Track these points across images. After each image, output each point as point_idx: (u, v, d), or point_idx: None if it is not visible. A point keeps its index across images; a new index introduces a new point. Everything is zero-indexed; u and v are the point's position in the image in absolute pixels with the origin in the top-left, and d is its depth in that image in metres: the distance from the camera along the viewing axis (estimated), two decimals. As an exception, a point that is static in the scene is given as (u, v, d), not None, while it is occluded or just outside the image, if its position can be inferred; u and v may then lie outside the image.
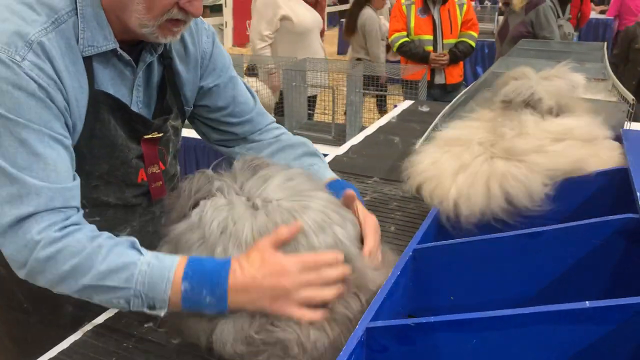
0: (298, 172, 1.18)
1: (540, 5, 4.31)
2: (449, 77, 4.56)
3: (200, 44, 1.37)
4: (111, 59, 1.19)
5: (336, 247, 1.05)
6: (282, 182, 1.12)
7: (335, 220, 1.08)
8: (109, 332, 1.23)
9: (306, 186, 1.14)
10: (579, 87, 1.69)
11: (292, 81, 3.75)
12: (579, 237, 1.06)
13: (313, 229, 1.04)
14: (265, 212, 1.06)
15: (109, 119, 1.21)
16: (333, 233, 1.06)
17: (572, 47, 3.40)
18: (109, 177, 1.28)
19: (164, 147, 1.39)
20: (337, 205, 1.15)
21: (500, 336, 0.85)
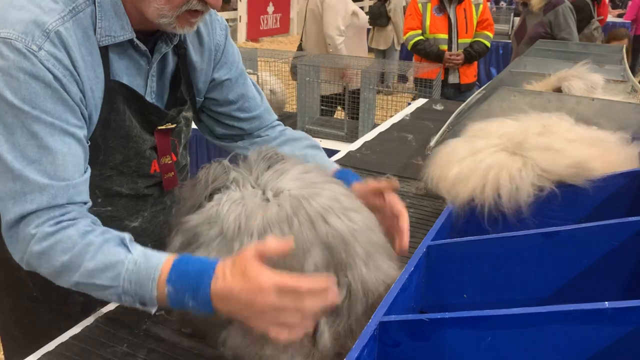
0: (313, 166, 1.18)
1: (559, 6, 4.27)
2: (463, 77, 4.53)
3: (215, 35, 1.37)
4: (127, 49, 1.19)
5: (350, 232, 1.04)
6: (296, 175, 1.12)
7: (348, 206, 1.07)
8: (121, 318, 1.23)
9: (320, 178, 1.13)
10: (598, 87, 1.67)
11: (305, 76, 3.74)
12: (597, 238, 1.04)
13: (322, 214, 1.03)
14: (277, 202, 1.06)
15: (124, 109, 1.21)
16: (348, 218, 1.05)
17: (590, 48, 3.36)
18: (123, 167, 1.28)
19: (177, 138, 1.39)
20: (350, 195, 1.14)
21: (515, 335, 0.84)
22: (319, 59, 4.03)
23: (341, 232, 1.04)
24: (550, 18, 4.27)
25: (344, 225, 1.05)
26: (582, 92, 1.54)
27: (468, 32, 4.42)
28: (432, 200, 1.85)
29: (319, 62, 3.94)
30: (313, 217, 1.03)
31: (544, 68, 2.20)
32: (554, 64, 2.31)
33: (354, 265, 1.03)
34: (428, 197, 1.88)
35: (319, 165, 1.21)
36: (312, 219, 1.03)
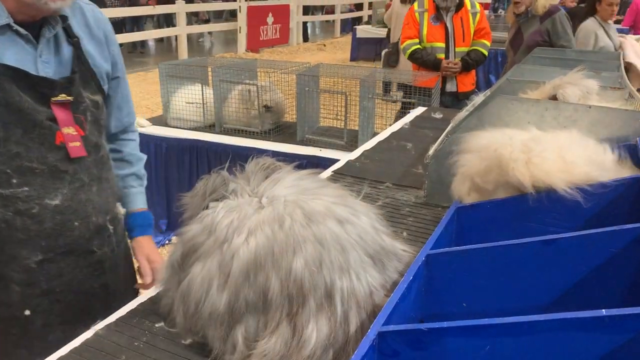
0: (306, 173, 1.21)
1: (555, 14, 4.28)
2: (461, 85, 4.54)
3: (101, 24, 1.56)
4: (8, 33, 1.32)
5: (346, 238, 1.07)
6: (291, 182, 1.14)
7: (343, 215, 1.10)
8: (120, 330, 1.23)
9: (314, 184, 1.15)
10: (593, 93, 1.67)
11: (305, 86, 3.76)
12: (596, 245, 1.04)
13: (317, 214, 1.07)
14: (271, 207, 1.08)
15: (11, 87, 1.31)
16: (342, 226, 1.08)
17: (588, 55, 3.38)
18: (27, 140, 1.36)
19: (82, 115, 1.47)
20: (346, 199, 1.16)
21: (514, 343, 0.84)
22: (318, 69, 4.05)
23: (339, 237, 1.06)
24: (548, 26, 4.28)
25: (340, 231, 1.07)
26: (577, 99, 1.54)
27: (465, 41, 4.44)
28: (432, 209, 1.86)
29: (318, 72, 3.95)
30: (309, 216, 1.06)
31: (542, 76, 2.21)
32: (551, 72, 2.32)
33: (347, 274, 1.05)
34: (427, 206, 1.89)
35: (312, 172, 1.24)
36: (308, 216, 1.06)
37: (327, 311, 1.03)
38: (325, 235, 1.06)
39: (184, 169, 3.97)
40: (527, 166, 1.27)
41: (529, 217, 1.31)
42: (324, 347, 1.01)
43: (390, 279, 1.13)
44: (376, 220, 1.18)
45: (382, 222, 1.20)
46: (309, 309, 1.03)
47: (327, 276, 1.03)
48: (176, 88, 4.13)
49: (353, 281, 1.05)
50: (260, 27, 14.08)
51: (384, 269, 1.13)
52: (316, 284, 1.03)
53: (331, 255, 1.05)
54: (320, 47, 15.71)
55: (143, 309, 1.31)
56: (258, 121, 3.93)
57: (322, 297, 1.03)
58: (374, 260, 1.11)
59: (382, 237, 1.16)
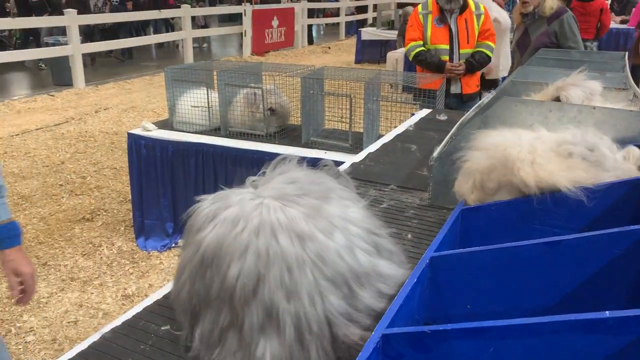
0: (302, 175, 1.14)
1: (563, 15, 4.27)
2: (465, 87, 4.53)
3: None
4: None
5: (297, 257, 0.99)
6: (279, 183, 1.11)
7: (306, 231, 1.01)
8: (126, 333, 1.24)
9: (300, 190, 1.09)
10: (596, 94, 1.67)
11: (309, 89, 3.77)
12: (599, 246, 1.04)
13: (273, 228, 1.00)
14: (242, 205, 1.05)
15: None
16: (300, 243, 0.99)
17: (592, 56, 3.37)
18: None
19: None
20: (325, 211, 1.06)
21: (517, 345, 0.84)
22: (322, 71, 4.06)
23: (286, 254, 0.97)
24: (555, 27, 4.27)
25: (292, 248, 0.98)
26: (580, 100, 1.54)
27: (469, 43, 4.44)
28: (436, 211, 1.86)
29: (322, 75, 3.96)
30: (260, 225, 0.99)
31: (546, 77, 2.21)
32: (556, 73, 2.32)
33: (295, 297, 0.97)
34: (432, 208, 1.89)
35: (310, 173, 1.16)
36: (260, 226, 0.99)
37: (275, 332, 0.96)
38: (267, 250, 0.97)
39: (190, 172, 3.98)
40: (532, 166, 1.27)
41: (533, 219, 1.31)
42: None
43: (366, 306, 1.02)
44: (362, 238, 1.07)
45: (372, 239, 1.09)
46: (252, 324, 0.97)
47: (265, 294, 0.96)
48: (182, 92, 4.15)
49: (305, 306, 0.96)
50: (265, 30, 14.11)
51: (353, 295, 1.01)
52: (248, 299, 0.97)
53: (271, 273, 0.96)
54: (325, 50, 15.73)
55: (149, 312, 1.32)
56: (263, 124, 3.94)
57: (263, 316, 0.96)
58: (335, 284, 0.99)
59: (358, 258, 1.03)
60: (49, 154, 6.24)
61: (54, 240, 4.24)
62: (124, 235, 4.34)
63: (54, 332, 3.13)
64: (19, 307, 3.33)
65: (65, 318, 3.27)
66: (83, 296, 3.50)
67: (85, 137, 6.88)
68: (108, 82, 10.30)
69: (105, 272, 3.81)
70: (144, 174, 4.11)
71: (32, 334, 3.12)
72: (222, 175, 3.84)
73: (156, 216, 4.15)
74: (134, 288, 3.60)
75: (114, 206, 4.89)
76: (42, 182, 5.42)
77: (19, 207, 4.84)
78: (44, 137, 6.84)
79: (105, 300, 3.46)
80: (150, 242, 4.16)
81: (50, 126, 7.34)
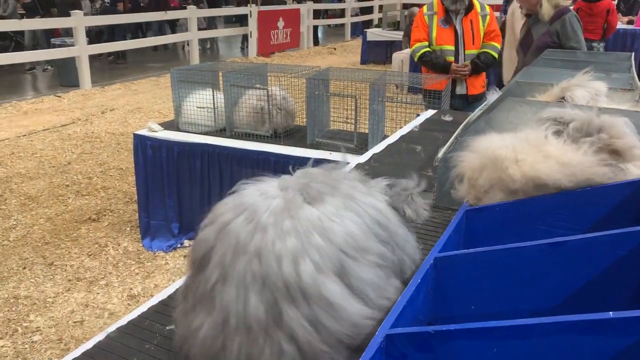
0: (315, 191, 1.08)
1: (565, 15, 4.25)
2: (471, 88, 4.53)
3: None
4: None
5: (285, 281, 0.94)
6: (290, 195, 1.06)
7: (297, 250, 0.96)
8: (131, 333, 1.25)
9: (295, 204, 1.04)
10: (601, 95, 1.67)
11: (315, 90, 3.77)
12: (603, 247, 1.04)
13: (262, 246, 0.96)
14: (266, 203, 1.04)
15: None
16: (293, 266, 0.95)
17: (598, 57, 3.36)
18: None
19: None
20: (320, 233, 1.00)
21: (521, 345, 0.84)
22: (328, 72, 4.07)
23: (237, 235, 0.97)
24: (557, 27, 4.25)
25: (242, 231, 0.97)
26: (585, 101, 1.53)
27: (475, 44, 4.44)
28: (441, 212, 1.86)
29: (328, 76, 3.97)
30: (239, 207, 1.02)
31: (551, 78, 2.20)
32: (561, 74, 2.31)
33: (227, 282, 0.95)
34: (436, 208, 1.88)
35: (323, 175, 1.14)
36: (240, 207, 1.02)
37: (209, 310, 0.98)
38: (227, 224, 0.99)
39: (195, 172, 4.00)
40: (517, 164, 1.31)
41: (537, 220, 1.31)
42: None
43: (289, 326, 0.93)
44: (323, 254, 0.97)
45: (340, 260, 0.98)
46: (200, 295, 1.00)
47: (210, 267, 0.99)
48: (188, 93, 4.16)
49: (230, 294, 0.96)
50: (271, 31, 14.14)
51: (276, 306, 0.94)
52: (201, 266, 0.99)
53: (221, 245, 0.97)
54: (331, 51, 15.75)
55: (154, 312, 1.33)
56: (268, 125, 3.95)
57: (203, 291, 0.98)
58: (263, 286, 0.94)
59: (300, 271, 0.94)
60: (55, 154, 6.27)
61: (60, 241, 4.26)
62: (130, 236, 4.36)
63: (60, 331, 3.15)
64: (26, 307, 3.36)
65: (71, 318, 3.29)
66: (89, 296, 3.52)
67: (92, 137, 6.92)
68: (114, 83, 10.35)
69: (111, 272, 3.83)
70: (149, 174, 4.13)
71: (38, 333, 3.14)
72: (228, 176, 3.85)
73: (162, 217, 4.17)
74: (140, 288, 3.62)
75: (120, 207, 4.91)
76: (49, 182, 5.45)
77: (25, 207, 4.87)
78: (51, 138, 6.88)
79: (111, 300, 3.48)
80: (156, 242, 4.17)
81: (56, 127, 7.39)
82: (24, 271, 3.80)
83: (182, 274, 3.79)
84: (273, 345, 0.93)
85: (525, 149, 1.35)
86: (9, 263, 3.90)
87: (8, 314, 3.30)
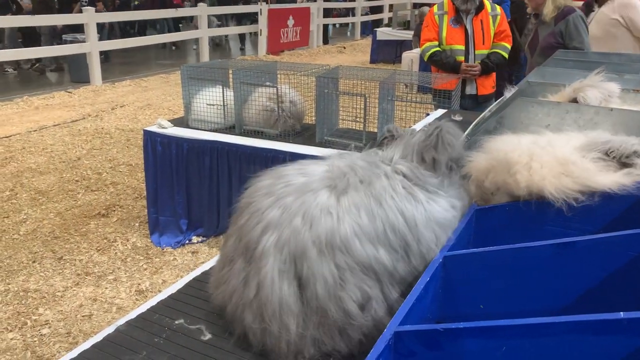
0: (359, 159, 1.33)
1: (570, 15, 4.23)
2: (481, 88, 4.51)
3: None
4: None
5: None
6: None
7: (337, 244, 1.16)
8: (140, 326, 1.26)
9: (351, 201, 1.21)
10: (614, 96, 1.65)
11: (324, 88, 3.77)
12: (613, 248, 1.04)
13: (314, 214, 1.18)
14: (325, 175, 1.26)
15: None
16: (341, 253, 1.15)
17: (611, 58, 3.33)
18: None
19: None
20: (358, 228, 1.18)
21: (530, 345, 0.84)
22: (337, 71, 4.06)
23: (323, 235, 1.14)
24: (561, 28, 4.22)
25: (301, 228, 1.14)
26: (597, 102, 1.52)
27: (485, 44, 4.41)
28: (450, 211, 1.85)
29: (337, 75, 3.96)
30: (314, 214, 1.15)
31: (563, 78, 2.19)
32: (573, 74, 2.30)
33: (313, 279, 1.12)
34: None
35: (364, 160, 1.33)
36: (313, 215, 1.14)
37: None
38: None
39: (205, 169, 4.01)
40: (529, 171, 1.28)
41: (547, 220, 1.30)
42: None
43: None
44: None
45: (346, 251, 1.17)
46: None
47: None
48: (197, 90, 4.17)
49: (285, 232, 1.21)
50: (280, 29, 14.14)
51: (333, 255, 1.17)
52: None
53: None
54: (340, 50, 15.73)
55: (163, 306, 1.34)
56: (277, 124, 3.95)
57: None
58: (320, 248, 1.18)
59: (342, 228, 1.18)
60: (65, 150, 6.31)
61: (70, 235, 4.29)
62: (139, 231, 4.38)
63: (68, 325, 3.17)
64: (35, 300, 3.39)
65: (79, 312, 3.31)
66: (97, 291, 3.54)
67: (102, 133, 6.95)
68: (124, 80, 10.40)
69: (119, 267, 3.85)
70: (159, 170, 4.15)
71: (47, 327, 3.16)
72: (237, 173, 3.86)
73: (171, 213, 4.19)
74: (148, 284, 3.63)
75: (129, 202, 4.93)
76: (59, 177, 5.49)
77: (36, 201, 4.91)
78: (61, 134, 6.92)
79: (119, 295, 3.50)
80: (165, 238, 4.19)
81: (67, 122, 7.43)
82: (33, 265, 3.83)
83: (190, 270, 3.81)
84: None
85: (544, 159, 1.30)
86: (19, 256, 3.93)
87: (18, 307, 3.33)
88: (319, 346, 1.14)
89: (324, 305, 1.11)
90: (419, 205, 1.21)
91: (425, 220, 1.20)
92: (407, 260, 1.16)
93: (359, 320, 1.12)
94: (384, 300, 1.14)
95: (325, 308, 1.11)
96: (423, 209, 1.21)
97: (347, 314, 1.12)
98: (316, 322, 1.12)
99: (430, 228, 1.20)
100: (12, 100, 8.52)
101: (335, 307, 1.11)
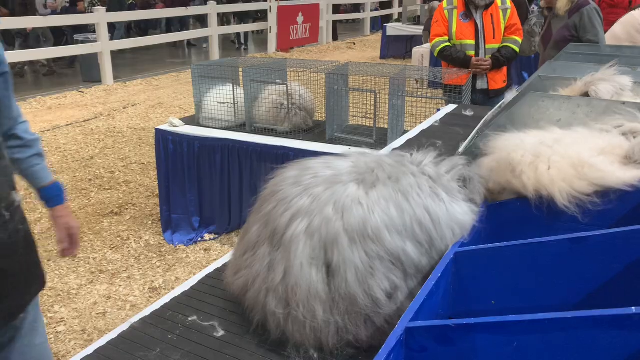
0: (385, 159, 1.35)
1: (584, 8, 4.18)
2: (492, 83, 4.48)
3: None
4: None
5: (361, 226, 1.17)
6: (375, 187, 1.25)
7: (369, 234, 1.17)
8: (154, 323, 1.27)
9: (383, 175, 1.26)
10: (626, 89, 1.64)
11: (334, 85, 3.77)
12: (625, 243, 1.03)
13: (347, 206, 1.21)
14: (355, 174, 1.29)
15: None
16: (369, 243, 1.17)
17: (623, 51, 3.30)
18: None
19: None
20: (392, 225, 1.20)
21: (542, 340, 0.84)
22: (347, 67, 4.06)
23: (354, 224, 1.15)
24: (576, 20, 4.17)
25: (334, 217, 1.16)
26: (610, 95, 1.51)
27: (496, 38, 4.38)
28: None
29: (347, 71, 3.96)
30: (346, 204, 1.18)
31: (574, 72, 2.18)
32: (584, 68, 2.28)
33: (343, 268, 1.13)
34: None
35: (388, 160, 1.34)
36: (344, 204, 1.18)
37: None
38: (347, 223, 1.17)
39: (216, 167, 4.03)
40: (535, 171, 1.26)
41: (559, 216, 1.30)
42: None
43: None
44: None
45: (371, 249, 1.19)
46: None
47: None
48: (208, 88, 4.19)
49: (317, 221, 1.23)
50: (290, 26, 14.15)
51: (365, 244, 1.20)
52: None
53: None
54: (350, 46, 15.70)
55: (177, 303, 1.35)
56: (288, 124, 3.96)
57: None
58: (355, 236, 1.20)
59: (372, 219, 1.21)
60: (78, 149, 6.38)
61: (83, 234, 4.34)
62: (152, 229, 4.42)
63: (83, 322, 3.21)
64: (50, 298, 3.43)
65: (94, 309, 3.35)
66: (111, 288, 3.58)
67: (114, 132, 7.01)
68: (136, 79, 10.47)
69: (132, 265, 3.89)
70: (171, 169, 4.18)
71: (62, 324, 3.20)
72: (247, 171, 3.88)
73: (183, 210, 4.22)
74: (161, 281, 3.67)
75: (142, 200, 4.98)
76: (72, 176, 5.55)
77: (50, 201, 4.97)
78: (74, 133, 6.99)
79: (132, 293, 3.53)
80: (177, 236, 4.22)
81: (79, 122, 7.50)
82: (48, 263, 3.87)
83: (203, 267, 3.83)
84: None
85: (553, 159, 1.27)
86: (34, 255, 3.99)
87: (33, 305, 3.38)
88: (341, 335, 1.15)
89: (354, 292, 1.13)
90: (442, 205, 1.23)
91: (447, 219, 1.22)
92: (430, 255, 1.18)
93: (385, 309, 1.14)
94: (408, 292, 1.15)
95: (355, 295, 1.13)
96: (445, 208, 1.24)
97: (375, 302, 1.13)
98: (343, 309, 1.14)
99: (451, 227, 1.22)
100: (26, 100, 8.61)
101: (363, 294, 1.13)
